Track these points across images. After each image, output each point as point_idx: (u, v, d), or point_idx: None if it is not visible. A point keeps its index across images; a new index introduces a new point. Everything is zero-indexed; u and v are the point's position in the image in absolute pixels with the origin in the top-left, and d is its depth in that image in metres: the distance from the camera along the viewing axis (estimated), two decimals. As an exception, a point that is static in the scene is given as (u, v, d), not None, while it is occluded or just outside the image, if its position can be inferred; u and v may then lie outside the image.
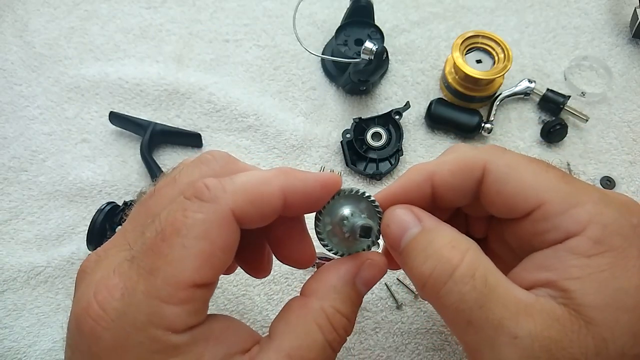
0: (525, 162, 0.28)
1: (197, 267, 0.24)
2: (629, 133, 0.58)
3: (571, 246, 0.25)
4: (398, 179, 0.31)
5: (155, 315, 0.23)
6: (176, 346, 0.23)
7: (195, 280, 0.24)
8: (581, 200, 0.26)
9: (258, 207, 0.26)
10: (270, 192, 0.26)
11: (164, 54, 0.62)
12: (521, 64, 0.62)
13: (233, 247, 0.26)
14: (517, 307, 0.24)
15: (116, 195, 0.54)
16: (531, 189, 0.27)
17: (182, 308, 0.23)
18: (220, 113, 0.58)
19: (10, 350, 0.47)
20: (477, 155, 0.29)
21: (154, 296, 0.23)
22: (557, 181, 0.27)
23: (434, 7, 0.66)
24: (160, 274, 0.23)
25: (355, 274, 0.28)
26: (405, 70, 0.62)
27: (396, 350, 0.47)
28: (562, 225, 0.26)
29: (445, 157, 0.31)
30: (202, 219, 0.24)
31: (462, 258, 0.25)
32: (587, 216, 0.25)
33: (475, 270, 0.25)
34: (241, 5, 0.65)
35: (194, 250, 0.24)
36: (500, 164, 0.28)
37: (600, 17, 0.65)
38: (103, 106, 0.59)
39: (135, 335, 0.23)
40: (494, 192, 0.28)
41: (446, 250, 0.26)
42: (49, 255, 0.51)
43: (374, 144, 0.56)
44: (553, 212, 0.26)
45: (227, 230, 0.25)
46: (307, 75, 0.61)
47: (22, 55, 0.62)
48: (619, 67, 0.62)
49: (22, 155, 0.56)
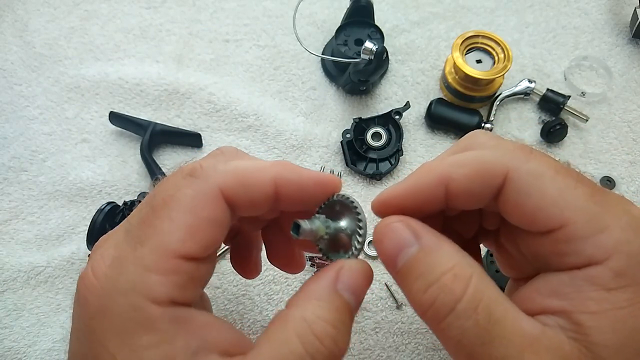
0: (552, 171, 0.25)
1: (182, 238, 0.24)
2: (629, 133, 0.58)
3: (591, 275, 0.23)
4: (408, 178, 0.28)
5: (139, 283, 0.23)
6: (153, 320, 0.23)
7: (180, 251, 0.24)
8: (608, 224, 0.24)
9: (248, 190, 0.26)
10: (262, 178, 0.26)
11: (164, 54, 0.62)
12: (521, 64, 0.62)
13: (221, 225, 0.26)
14: (522, 342, 0.23)
15: (116, 195, 0.54)
16: (555, 206, 0.24)
17: (165, 278, 0.24)
18: (220, 113, 0.58)
19: (11, 350, 0.47)
20: (499, 159, 0.25)
21: (140, 264, 0.24)
22: (586, 199, 0.24)
23: (434, 7, 0.66)
24: (148, 243, 0.24)
25: (335, 279, 0.26)
26: (405, 70, 0.62)
27: (396, 350, 0.47)
28: (584, 251, 0.23)
29: (461, 155, 0.27)
30: (191, 194, 0.25)
31: (465, 289, 0.23)
32: (612, 244, 0.23)
33: (479, 302, 0.23)
34: (241, 5, 0.65)
35: (180, 222, 0.24)
36: (523, 171, 0.25)
37: (600, 17, 0.65)
38: (103, 106, 0.59)
39: (118, 300, 0.23)
40: (514, 203, 0.25)
41: (449, 279, 0.23)
42: (49, 255, 0.51)
43: (374, 144, 0.56)
44: (576, 235, 0.24)
45: (213, 206, 0.25)
46: (307, 75, 0.61)
47: (22, 55, 0.62)
48: (619, 67, 0.62)
49: (22, 155, 0.56)
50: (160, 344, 0.23)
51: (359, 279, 0.26)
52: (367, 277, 0.27)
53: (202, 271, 0.26)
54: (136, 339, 0.23)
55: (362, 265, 0.27)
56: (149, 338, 0.23)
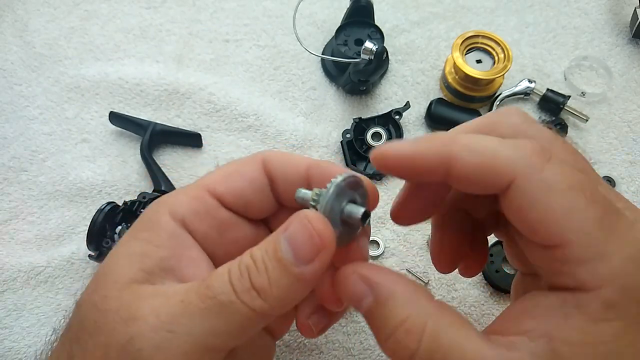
0: (565, 185, 0.23)
1: (216, 179, 0.31)
2: (629, 133, 0.58)
3: (581, 302, 0.22)
4: (417, 141, 0.26)
5: (171, 196, 0.30)
6: (158, 224, 0.29)
7: (209, 186, 0.30)
8: (610, 252, 0.22)
9: (283, 163, 0.31)
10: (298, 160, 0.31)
11: (164, 54, 0.62)
12: (521, 64, 0.62)
13: (252, 182, 0.31)
14: None
15: (116, 195, 0.54)
16: (557, 225, 0.23)
17: (188, 200, 0.30)
18: (220, 113, 0.58)
19: (11, 350, 0.47)
20: (511, 162, 0.24)
21: (181, 189, 0.31)
22: (592, 223, 0.23)
23: (434, 7, 0.66)
24: (198, 180, 0.31)
25: (287, 227, 0.25)
26: (405, 70, 0.62)
27: (396, 350, 0.47)
28: (578, 275, 0.23)
29: (477, 140, 0.25)
30: (242, 159, 0.32)
31: (418, 342, 0.23)
32: (608, 273, 0.22)
33: (435, 352, 0.23)
34: (241, 5, 0.65)
35: (222, 169, 0.31)
36: (533, 181, 0.23)
37: (600, 17, 0.65)
38: (103, 106, 0.59)
39: (151, 204, 0.31)
40: (516, 208, 0.24)
41: (401, 335, 0.23)
42: (49, 255, 0.51)
43: (374, 144, 0.56)
44: (573, 258, 0.23)
45: (251, 167, 0.31)
46: (307, 75, 0.61)
47: (22, 55, 0.62)
48: (619, 67, 0.62)
49: (22, 155, 0.56)
50: (149, 241, 0.28)
51: (300, 234, 0.24)
52: (310, 234, 0.24)
53: (223, 216, 0.30)
54: (139, 232, 0.29)
55: (313, 220, 0.25)
56: (146, 234, 0.28)
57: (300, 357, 0.47)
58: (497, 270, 0.49)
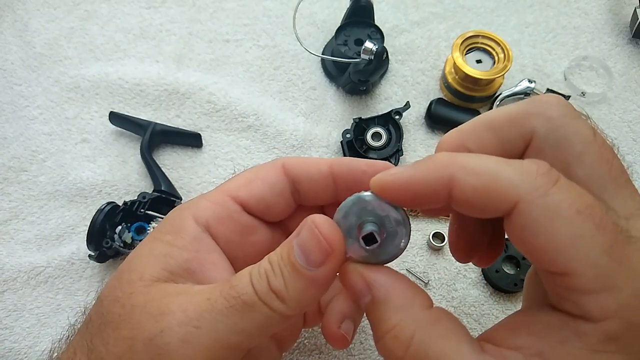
0: (572, 211, 0.21)
1: (238, 185, 0.32)
2: (629, 133, 0.58)
3: (581, 331, 0.22)
4: (415, 166, 0.25)
5: (194, 202, 0.31)
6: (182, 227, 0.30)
7: (231, 192, 0.31)
8: (618, 284, 0.21)
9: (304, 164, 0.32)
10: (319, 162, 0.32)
11: (164, 54, 0.62)
12: (521, 64, 0.62)
13: (273, 187, 0.32)
14: None
15: (116, 195, 0.54)
16: (562, 253, 0.21)
17: (210, 205, 0.31)
18: (220, 113, 0.58)
19: (11, 351, 0.47)
20: (512, 184, 0.22)
21: (204, 195, 0.32)
22: (601, 252, 0.21)
23: (434, 7, 0.66)
24: (220, 185, 0.32)
25: (299, 232, 0.26)
26: (405, 70, 0.62)
27: (396, 350, 0.47)
28: (583, 305, 0.22)
29: (477, 160, 0.24)
30: (263, 164, 0.33)
31: (405, 351, 0.23)
32: (614, 307, 0.21)
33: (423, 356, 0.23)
34: (241, 5, 0.65)
35: (244, 176, 0.32)
36: (537, 206, 0.22)
37: (600, 17, 0.65)
38: (103, 106, 0.59)
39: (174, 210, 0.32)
40: (518, 234, 0.23)
41: (389, 340, 0.24)
42: (49, 255, 0.51)
43: (374, 144, 0.56)
44: (579, 287, 0.22)
45: (273, 172, 0.32)
46: (307, 75, 0.61)
47: (22, 55, 0.62)
48: (619, 67, 0.62)
49: (22, 155, 0.56)
50: (172, 244, 0.29)
51: (311, 241, 0.26)
52: (317, 242, 0.25)
53: (245, 220, 0.31)
54: (162, 234, 0.30)
55: (320, 225, 0.25)
56: (170, 237, 0.29)
57: (300, 357, 0.47)
58: (497, 270, 0.49)
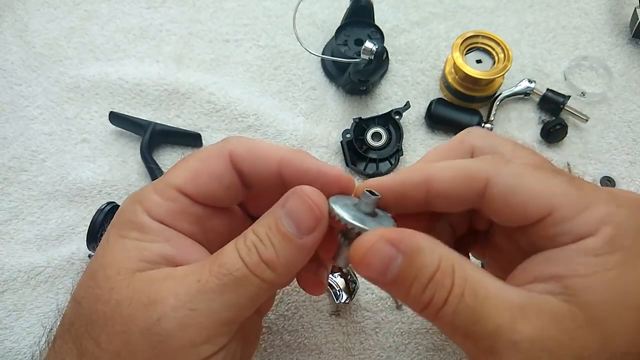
0: (530, 169, 0.27)
1: (185, 177, 0.30)
2: (629, 133, 0.58)
3: (581, 246, 0.25)
4: (395, 174, 0.30)
5: (145, 198, 0.30)
6: (143, 224, 0.29)
7: (179, 186, 0.30)
8: (592, 202, 0.26)
9: (254, 160, 0.30)
10: (269, 152, 0.30)
11: (164, 54, 0.62)
12: (521, 64, 0.62)
13: (220, 178, 0.30)
14: (512, 312, 0.24)
15: (116, 195, 0.54)
16: (540, 196, 0.26)
17: (162, 200, 0.30)
18: (220, 113, 0.58)
19: (11, 351, 0.47)
20: (479, 166, 0.28)
21: (152, 187, 0.30)
22: (566, 186, 0.26)
23: (434, 7, 0.66)
24: (165, 178, 0.31)
25: (284, 204, 0.28)
26: (405, 70, 0.62)
27: (396, 350, 0.47)
28: (573, 229, 0.25)
29: (445, 162, 0.30)
30: (206, 150, 0.31)
31: (452, 279, 0.25)
32: (598, 218, 0.25)
33: (464, 288, 0.24)
34: (241, 5, 0.65)
35: (189, 166, 0.31)
36: (504, 174, 0.27)
37: (600, 17, 0.65)
38: (103, 106, 0.59)
39: (125, 205, 0.31)
40: (501, 203, 0.27)
41: (439, 277, 0.25)
42: (49, 255, 0.51)
43: (374, 144, 0.56)
44: (564, 217, 0.26)
45: (218, 161, 0.30)
46: (307, 75, 0.61)
47: (22, 55, 0.62)
48: (619, 67, 0.62)
49: (22, 155, 0.56)
50: (141, 240, 0.29)
51: (300, 208, 0.27)
52: (309, 208, 0.27)
53: (198, 211, 0.31)
54: (126, 231, 0.29)
55: (312, 194, 0.27)
56: (135, 234, 0.29)
57: (300, 357, 0.47)
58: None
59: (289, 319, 0.48)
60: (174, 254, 0.29)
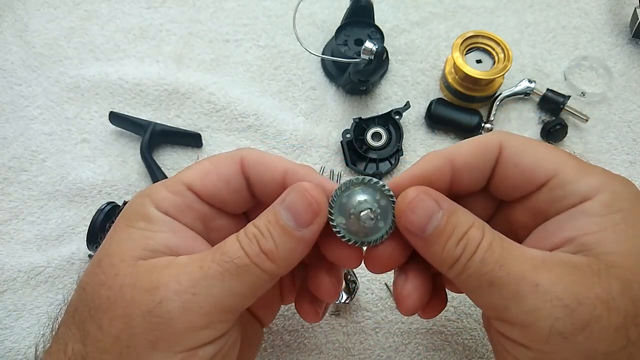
0: (534, 141, 0.30)
1: (195, 175, 0.31)
2: (629, 133, 0.58)
3: (585, 209, 0.27)
4: (415, 164, 0.31)
5: (153, 191, 0.31)
6: (150, 215, 0.30)
7: (188, 182, 0.31)
8: (590, 171, 0.28)
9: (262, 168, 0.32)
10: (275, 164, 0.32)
11: (164, 54, 0.62)
12: (521, 64, 0.62)
13: (228, 181, 0.32)
14: (534, 263, 0.26)
15: (116, 195, 0.54)
16: (547, 160, 0.29)
17: (170, 195, 0.31)
18: (220, 113, 0.58)
19: (11, 351, 0.47)
20: (494, 136, 0.31)
21: (162, 183, 0.32)
22: (569, 156, 0.29)
23: (434, 7, 0.66)
24: (178, 174, 0.32)
25: (284, 199, 0.29)
26: (405, 70, 0.62)
27: (396, 350, 0.47)
28: (577, 190, 0.28)
29: (462, 141, 0.32)
30: (220, 155, 0.33)
31: (482, 234, 0.27)
32: (599, 183, 0.27)
33: (492, 241, 0.27)
34: (241, 5, 0.65)
35: (201, 166, 0.32)
36: (514, 141, 0.30)
37: (600, 17, 0.65)
38: (103, 106, 0.59)
39: (135, 198, 0.32)
40: (512, 165, 0.30)
41: (473, 231, 0.27)
42: (49, 255, 0.51)
43: (374, 144, 0.56)
44: (569, 179, 0.28)
45: (228, 164, 0.32)
46: (307, 75, 0.61)
47: (22, 55, 0.62)
48: (619, 67, 0.62)
49: (22, 155, 0.56)
50: (147, 229, 0.30)
51: (299, 202, 0.29)
52: (308, 201, 0.29)
53: (204, 209, 0.32)
54: (134, 222, 0.30)
55: (311, 189, 0.29)
56: (142, 224, 0.30)
57: (300, 357, 0.47)
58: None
59: (289, 319, 0.48)
60: (178, 244, 0.30)
